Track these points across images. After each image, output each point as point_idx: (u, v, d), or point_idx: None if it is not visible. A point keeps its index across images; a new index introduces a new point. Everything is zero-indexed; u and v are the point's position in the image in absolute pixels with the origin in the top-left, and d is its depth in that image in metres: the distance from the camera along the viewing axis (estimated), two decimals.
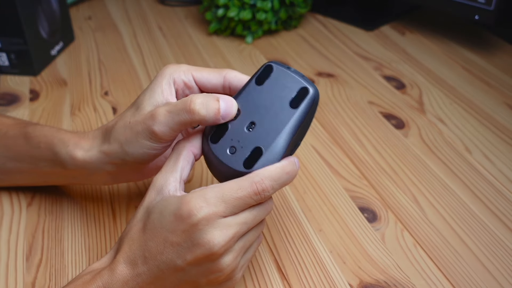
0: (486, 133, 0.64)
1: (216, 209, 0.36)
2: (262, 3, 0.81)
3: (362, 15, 0.95)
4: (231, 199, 0.36)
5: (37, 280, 0.45)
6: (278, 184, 0.38)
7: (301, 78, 0.40)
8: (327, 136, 0.63)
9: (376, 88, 0.73)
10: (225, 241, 0.36)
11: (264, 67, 0.41)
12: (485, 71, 0.78)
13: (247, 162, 0.39)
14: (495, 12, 0.75)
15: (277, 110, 0.40)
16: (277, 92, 0.40)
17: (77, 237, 0.49)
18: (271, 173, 0.38)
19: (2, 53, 0.73)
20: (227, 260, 0.37)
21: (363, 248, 0.48)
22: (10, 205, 0.52)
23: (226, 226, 0.36)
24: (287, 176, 0.38)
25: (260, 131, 0.39)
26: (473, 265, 0.47)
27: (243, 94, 0.41)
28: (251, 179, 0.37)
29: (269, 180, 0.37)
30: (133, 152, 0.42)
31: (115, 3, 1.01)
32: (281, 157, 0.39)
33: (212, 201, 0.36)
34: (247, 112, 0.40)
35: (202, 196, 0.36)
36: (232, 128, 0.40)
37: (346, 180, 0.56)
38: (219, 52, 0.83)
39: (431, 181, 0.56)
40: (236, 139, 0.40)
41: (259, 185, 0.37)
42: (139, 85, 0.73)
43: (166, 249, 0.36)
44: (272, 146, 0.39)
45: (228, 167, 0.39)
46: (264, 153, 0.39)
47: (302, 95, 0.39)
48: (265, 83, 0.41)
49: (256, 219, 0.38)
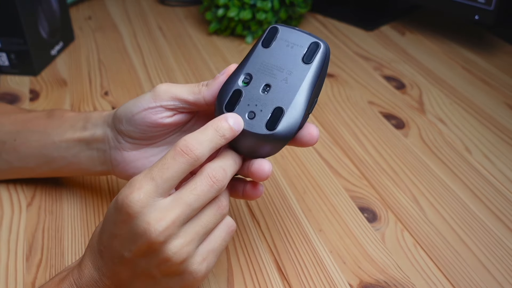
0: (486, 133, 0.64)
1: (146, 190, 0.34)
2: (262, 3, 0.81)
3: (362, 15, 0.95)
4: (159, 172, 0.34)
5: (37, 280, 0.45)
6: (207, 141, 0.35)
7: (309, 35, 0.40)
8: (327, 136, 0.63)
9: (376, 88, 0.73)
10: (163, 226, 0.33)
11: (268, 30, 0.41)
12: (485, 71, 0.78)
13: (269, 123, 0.38)
14: (495, 12, 0.75)
15: (291, 68, 0.39)
16: (286, 51, 0.39)
17: (77, 237, 0.49)
18: (196, 133, 0.35)
19: (2, 53, 0.73)
20: (172, 248, 0.34)
21: (363, 248, 0.48)
22: (10, 205, 0.52)
23: (163, 209, 0.34)
24: (214, 131, 0.36)
25: (277, 91, 0.38)
26: (473, 265, 0.47)
27: (251, 59, 0.40)
28: (175, 145, 0.35)
29: (192, 138, 0.35)
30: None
31: (115, 3, 1.01)
32: (303, 113, 0.38)
33: (140, 183, 0.34)
34: (259, 76, 0.39)
35: (132, 181, 0.34)
36: (247, 93, 0.39)
37: (346, 180, 0.56)
38: (219, 52, 0.83)
39: (431, 181, 0.56)
40: (253, 104, 0.38)
41: (183, 147, 0.34)
42: (139, 85, 0.73)
43: (114, 242, 0.35)
44: (292, 104, 0.38)
45: (250, 133, 0.38)
46: (286, 112, 0.38)
47: (314, 49, 0.39)
48: (273, 45, 0.40)
49: (201, 198, 0.35)
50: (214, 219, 0.36)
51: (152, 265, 0.35)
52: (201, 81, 0.74)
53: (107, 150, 0.46)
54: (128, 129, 0.43)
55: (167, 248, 0.34)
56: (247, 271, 0.46)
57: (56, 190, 0.54)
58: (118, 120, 0.44)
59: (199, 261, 0.36)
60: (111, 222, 0.36)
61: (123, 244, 0.35)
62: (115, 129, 0.45)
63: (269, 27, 0.41)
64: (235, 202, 0.53)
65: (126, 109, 0.43)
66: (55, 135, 0.48)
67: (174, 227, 0.34)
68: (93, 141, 0.47)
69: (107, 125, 0.46)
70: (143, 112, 0.42)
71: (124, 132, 0.44)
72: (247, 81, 0.39)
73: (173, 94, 0.41)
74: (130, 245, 0.34)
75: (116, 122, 0.44)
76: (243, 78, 0.40)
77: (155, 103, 0.41)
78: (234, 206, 0.53)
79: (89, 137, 0.47)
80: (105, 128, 0.46)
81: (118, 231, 0.35)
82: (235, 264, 0.47)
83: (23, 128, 0.50)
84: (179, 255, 0.34)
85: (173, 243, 0.34)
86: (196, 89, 0.41)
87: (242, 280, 0.45)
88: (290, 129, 0.38)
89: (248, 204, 0.53)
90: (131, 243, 0.34)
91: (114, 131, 0.45)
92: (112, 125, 0.45)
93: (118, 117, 0.44)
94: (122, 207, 0.34)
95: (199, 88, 0.41)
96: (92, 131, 0.47)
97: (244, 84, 0.39)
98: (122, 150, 0.45)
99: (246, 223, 0.51)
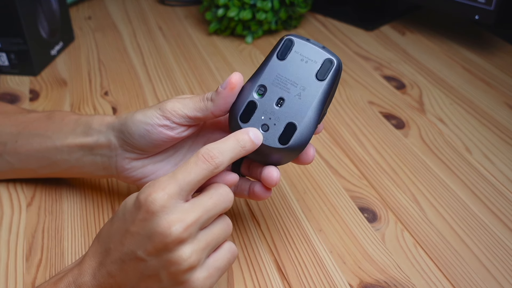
0: (486, 133, 0.64)
1: (169, 191, 0.35)
2: (262, 3, 0.81)
3: (362, 15, 0.95)
4: (182, 175, 0.36)
5: (37, 280, 0.45)
6: (228, 150, 0.38)
7: (323, 50, 0.41)
8: (327, 136, 0.63)
9: (376, 88, 0.73)
10: (182, 227, 0.34)
11: (284, 42, 0.41)
12: (485, 71, 0.78)
13: (282, 138, 0.40)
14: (495, 12, 0.75)
15: (304, 83, 0.40)
16: (301, 65, 0.40)
17: (77, 237, 0.49)
18: (218, 143, 0.38)
19: (2, 53, 0.73)
20: (186, 251, 0.35)
21: (363, 248, 0.48)
22: (10, 205, 0.52)
23: (184, 211, 0.35)
24: (236, 142, 0.38)
25: (290, 106, 0.40)
26: (473, 265, 0.47)
27: (266, 70, 0.41)
28: (198, 152, 0.37)
29: (214, 147, 0.37)
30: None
31: (115, 3, 1.01)
32: (314, 129, 0.40)
33: (164, 184, 0.35)
34: (274, 89, 0.41)
35: (156, 182, 0.36)
36: (262, 105, 0.41)
37: (346, 180, 0.56)
38: (219, 52, 0.83)
39: (431, 181, 0.56)
40: (267, 116, 0.40)
41: (205, 154, 0.37)
42: (139, 85, 0.73)
43: (127, 240, 0.36)
44: (304, 120, 0.40)
45: (264, 146, 0.40)
46: (298, 128, 0.39)
47: (327, 66, 0.40)
48: (288, 57, 0.41)
49: (217, 205, 0.37)
50: (224, 233, 0.38)
51: (162, 266, 0.35)
52: (201, 81, 0.74)
53: (112, 157, 0.46)
54: (141, 143, 0.44)
55: (181, 249, 0.35)
56: (247, 271, 0.46)
57: (56, 190, 0.54)
58: (129, 134, 0.44)
59: (205, 275, 0.36)
60: (126, 220, 0.36)
61: (139, 242, 0.35)
62: (123, 140, 0.45)
63: (285, 39, 0.41)
64: (235, 202, 0.53)
65: (136, 124, 0.43)
66: (56, 139, 0.48)
67: (192, 230, 0.35)
68: (96, 147, 0.47)
69: (111, 133, 0.46)
70: (159, 128, 0.43)
71: (135, 145, 0.44)
72: (262, 93, 0.41)
73: (183, 113, 0.42)
74: (146, 244, 0.35)
75: (126, 135, 0.44)
76: (257, 90, 0.41)
77: (168, 121, 0.42)
78: (234, 206, 0.53)
79: (93, 144, 0.47)
80: (109, 135, 0.46)
81: (135, 229, 0.35)
82: (235, 264, 0.47)
83: (24, 130, 0.50)
84: (189, 260, 0.35)
85: (187, 246, 0.35)
86: (202, 106, 0.42)
87: (242, 280, 0.45)
88: (301, 143, 0.40)
89: (248, 204, 0.53)
90: (148, 241, 0.35)
91: (120, 141, 0.45)
92: (119, 136, 0.45)
93: (128, 132, 0.44)
94: (144, 205, 0.35)
95: (205, 104, 0.42)
96: (95, 138, 0.47)
97: (259, 96, 0.41)
98: (130, 159, 0.46)
99: (246, 223, 0.51)
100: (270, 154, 0.41)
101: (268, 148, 0.40)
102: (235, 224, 0.51)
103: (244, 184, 0.44)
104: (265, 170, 0.42)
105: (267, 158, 0.41)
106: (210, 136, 0.47)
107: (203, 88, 0.73)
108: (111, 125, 0.46)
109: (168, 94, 0.71)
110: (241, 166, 0.45)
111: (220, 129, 0.47)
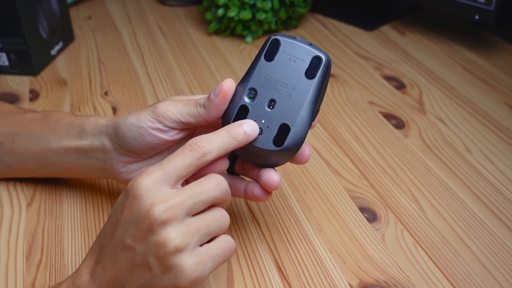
0: (486, 133, 0.64)
1: (154, 176, 0.36)
2: (262, 3, 0.81)
3: (362, 15, 0.95)
4: (167, 161, 0.37)
5: (37, 280, 0.45)
6: (216, 140, 0.38)
7: (310, 47, 0.40)
8: (327, 136, 0.63)
9: (376, 88, 0.73)
10: (165, 207, 0.34)
11: (270, 42, 0.41)
12: (485, 71, 0.78)
13: (276, 140, 0.39)
14: (495, 12, 0.75)
15: (294, 83, 0.40)
16: (289, 65, 0.40)
17: (77, 237, 0.49)
18: (207, 134, 0.38)
19: (2, 53, 0.73)
20: (171, 232, 0.34)
21: (363, 248, 0.48)
22: (10, 205, 0.52)
23: (168, 194, 0.35)
24: (227, 133, 0.39)
25: (282, 107, 0.40)
26: (473, 265, 0.47)
27: (255, 73, 0.41)
28: (187, 143, 0.38)
29: (202, 137, 0.38)
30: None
31: (115, 3, 1.01)
32: (308, 128, 0.40)
33: (150, 170, 0.36)
34: (264, 91, 0.40)
35: (145, 171, 0.36)
36: (253, 108, 0.40)
37: (346, 180, 0.56)
38: (219, 52, 0.83)
39: (431, 181, 0.56)
40: (260, 120, 0.40)
41: (192, 143, 0.37)
42: (139, 85, 0.73)
43: (117, 230, 0.36)
44: (297, 120, 0.39)
45: (259, 149, 0.40)
46: (292, 129, 0.39)
47: (316, 64, 0.40)
48: (275, 58, 0.41)
49: (205, 191, 0.36)
50: (218, 223, 0.37)
51: (150, 252, 0.34)
52: (201, 81, 0.74)
53: (107, 160, 0.46)
54: (135, 146, 0.44)
55: (165, 230, 0.34)
56: (247, 271, 0.46)
57: (56, 190, 0.54)
58: (123, 138, 0.44)
59: (195, 261, 0.35)
60: (117, 211, 0.37)
61: (126, 230, 0.35)
62: (117, 144, 0.45)
63: (271, 39, 0.41)
64: (235, 202, 0.53)
65: (129, 128, 0.43)
66: (52, 141, 0.48)
67: (175, 212, 0.35)
68: (91, 150, 0.47)
69: (105, 136, 0.46)
70: (152, 131, 0.43)
71: (129, 149, 0.44)
72: (252, 96, 0.41)
73: (175, 117, 0.42)
74: (133, 230, 0.35)
75: (120, 138, 0.44)
76: (248, 93, 0.41)
77: (160, 124, 0.43)
78: (234, 206, 0.53)
79: (87, 147, 0.47)
80: (103, 139, 0.46)
81: (123, 217, 0.36)
82: (235, 264, 0.47)
83: (21, 131, 0.50)
84: (174, 242, 0.34)
85: (172, 227, 0.34)
86: (195, 112, 0.42)
87: (242, 280, 0.45)
88: (296, 144, 0.40)
89: (248, 204, 0.53)
90: (134, 227, 0.35)
91: (114, 144, 0.45)
92: (113, 139, 0.45)
93: (122, 135, 0.44)
94: (131, 191, 0.36)
95: (198, 110, 0.42)
96: (89, 141, 0.47)
97: (250, 99, 0.41)
98: (125, 162, 0.46)
99: (246, 223, 0.51)
100: (266, 157, 0.40)
101: (264, 151, 0.40)
102: (235, 224, 0.51)
103: (239, 183, 0.44)
104: (265, 174, 0.41)
105: (263, 161, 0.41)
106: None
107: (203, 88, 0.73)
108: (104, 129, 0.46)
109: (168, 94, 0.71)
110: (235, 165, 0.45)
111: (215, 129, 0.47)
